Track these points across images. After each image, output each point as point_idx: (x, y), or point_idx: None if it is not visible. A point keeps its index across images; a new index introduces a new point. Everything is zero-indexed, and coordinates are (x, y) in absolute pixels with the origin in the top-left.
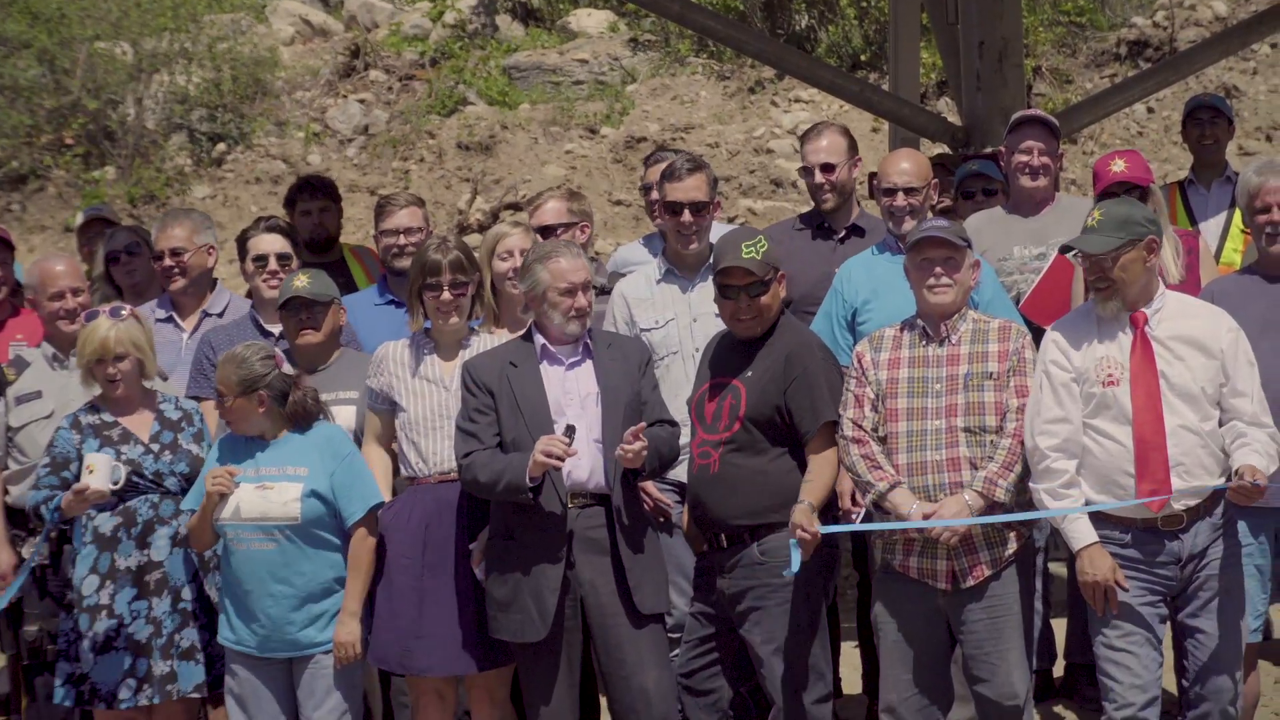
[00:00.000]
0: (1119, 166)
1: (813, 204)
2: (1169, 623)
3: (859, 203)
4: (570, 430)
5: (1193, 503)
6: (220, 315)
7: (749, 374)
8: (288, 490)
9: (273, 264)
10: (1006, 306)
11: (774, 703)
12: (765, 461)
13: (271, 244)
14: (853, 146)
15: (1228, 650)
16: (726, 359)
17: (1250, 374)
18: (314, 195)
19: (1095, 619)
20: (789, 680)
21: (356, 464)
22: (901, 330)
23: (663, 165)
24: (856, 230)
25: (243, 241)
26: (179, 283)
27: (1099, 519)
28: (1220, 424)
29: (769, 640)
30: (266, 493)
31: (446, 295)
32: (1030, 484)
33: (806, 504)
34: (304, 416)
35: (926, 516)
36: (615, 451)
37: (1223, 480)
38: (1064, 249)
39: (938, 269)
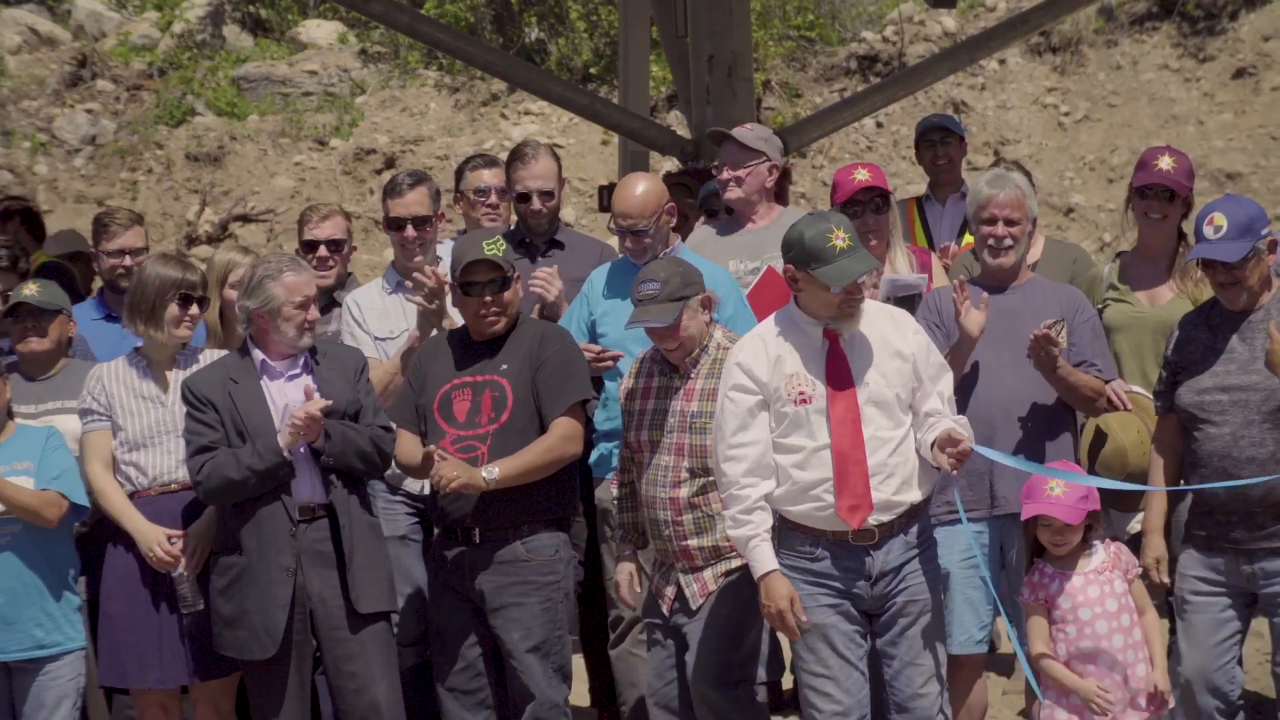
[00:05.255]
0: (863, 175)
1: (519, 221)
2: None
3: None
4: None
5: (885, 519)
6: None
7: (504, 367)
8: (19, 484)
9: None
10: (749, 321)
11: (528, 698)
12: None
13: None
14: (559, 167)
15: (925, 673)
16: (466, 360)
17: (944, 378)
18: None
19: (795, 646)
20: (544, 677)
21: (63, 458)
22: (656, 357)
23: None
24: (556, 244)
25: None
26: None
27: (792, 532)
28: (916, 428)
29: (526, 637)
30: None
31: (195, 310)
32: (723, 511)
33: (492, 470)
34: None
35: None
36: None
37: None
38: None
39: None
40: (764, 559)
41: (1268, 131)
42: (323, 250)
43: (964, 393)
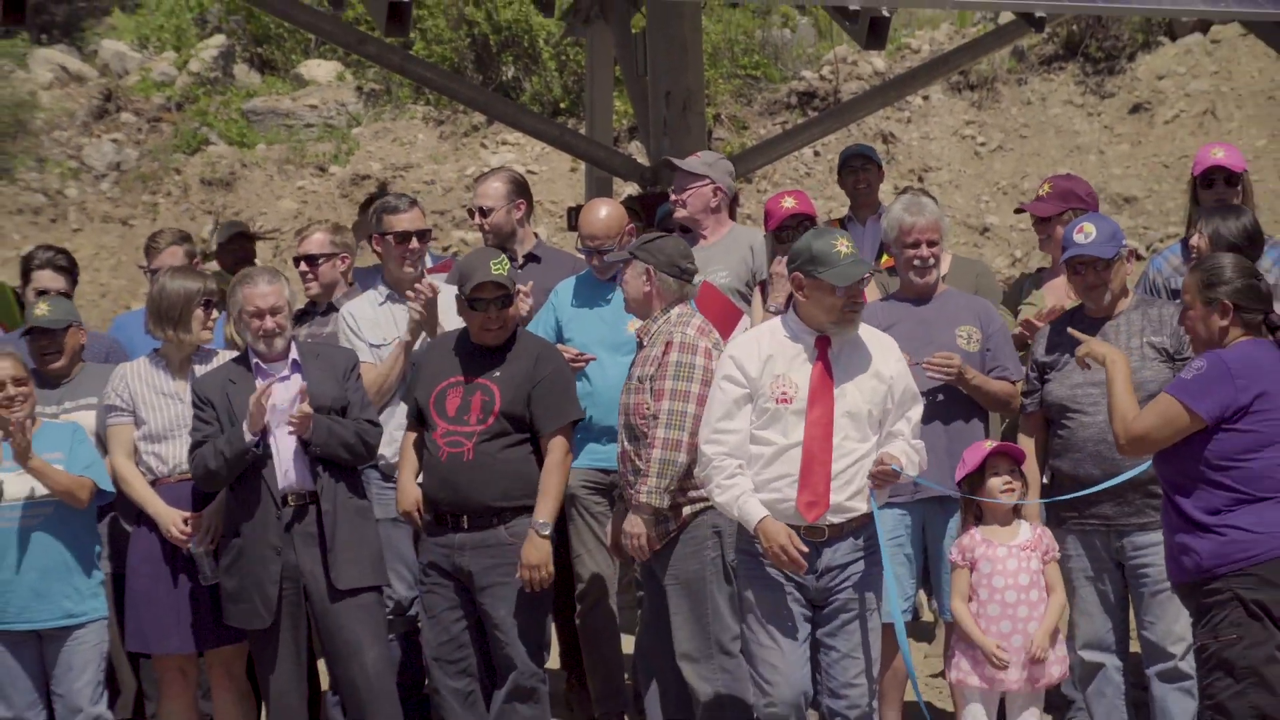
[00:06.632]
0: (789, 203)
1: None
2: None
3: (535, 235)
4: (303, 392)
5: (836, 521)
6: None
7: (498, 374)
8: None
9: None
10: None
11: (511, 668)
12: (513, 451)
13: (42, 280)
14: (515, 192)
15: (860, 666)
16: (466, 362)
17: (915, 406)
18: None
19: (743, 625)
20: (526, 648)
21: (89, 450)
22: None
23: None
24: (533, 258)
25: (27, 268)
26: None
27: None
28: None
29: (510, 612)
30: (27, 475)
31: (215, 314)
32: (705, 488)
33: (545, 525)
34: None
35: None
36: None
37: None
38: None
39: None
40: (754, 509)
41: (1160, 160)
42: (302, 266)
43: None
